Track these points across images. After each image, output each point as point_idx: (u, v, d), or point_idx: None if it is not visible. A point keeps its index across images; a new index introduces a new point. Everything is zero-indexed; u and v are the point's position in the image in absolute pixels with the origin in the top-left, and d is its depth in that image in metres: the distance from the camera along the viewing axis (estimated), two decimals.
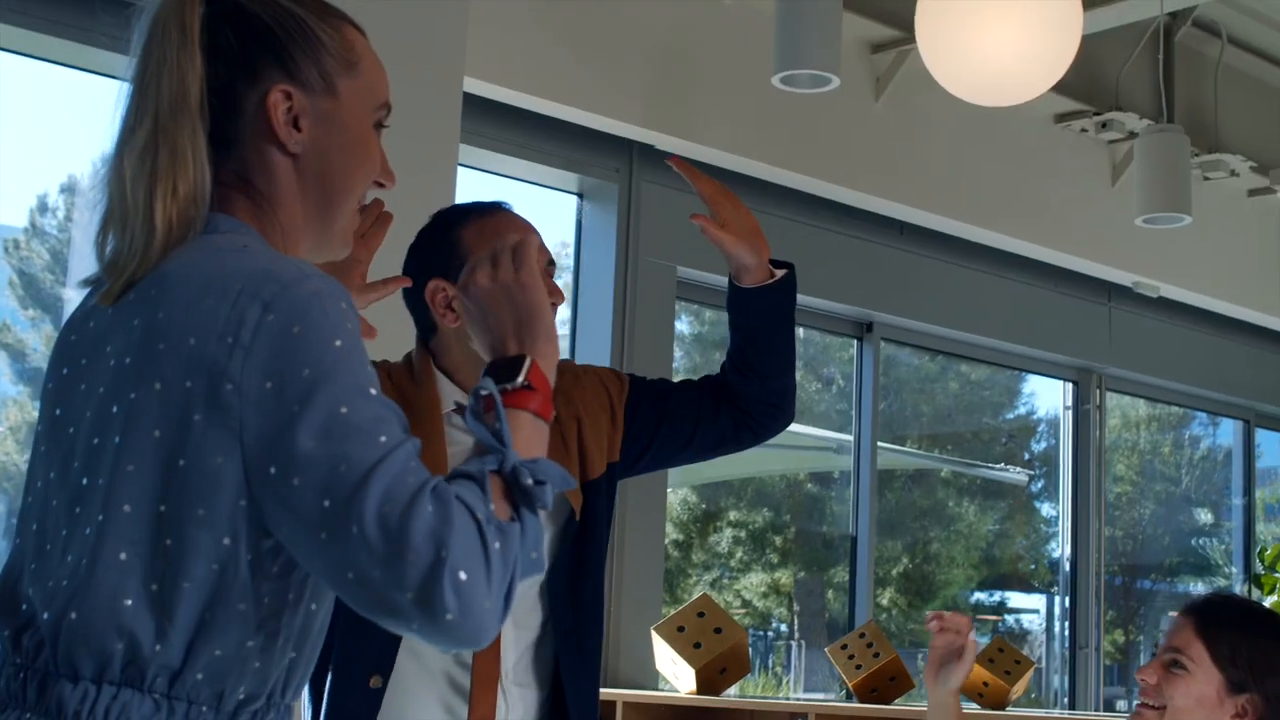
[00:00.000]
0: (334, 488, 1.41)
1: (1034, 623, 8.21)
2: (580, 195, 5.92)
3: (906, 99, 6.24)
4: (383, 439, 1.43)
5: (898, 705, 4.70)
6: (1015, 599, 8.25)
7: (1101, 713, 6.43)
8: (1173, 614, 2.74)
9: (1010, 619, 8.18)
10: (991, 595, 8.15)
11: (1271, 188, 7.06)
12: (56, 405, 1.60)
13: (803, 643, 7.34)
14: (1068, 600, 7.53)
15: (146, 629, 1.48)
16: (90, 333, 1.59)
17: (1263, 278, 7.74)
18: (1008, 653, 4.61)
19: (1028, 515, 8.23)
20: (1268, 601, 6.50)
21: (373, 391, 1.47)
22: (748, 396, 2.73)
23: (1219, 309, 7.74)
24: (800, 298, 6.70)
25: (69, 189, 4.98)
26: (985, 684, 4.52)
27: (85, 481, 1.52)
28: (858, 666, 4.67)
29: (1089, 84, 6.70)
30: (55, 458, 1.58)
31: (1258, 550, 7.10)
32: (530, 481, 1.48)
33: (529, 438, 1.55)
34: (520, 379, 1.58)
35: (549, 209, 5.93)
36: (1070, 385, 7.60)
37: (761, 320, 2.73)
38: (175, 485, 1.48)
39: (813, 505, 7.43)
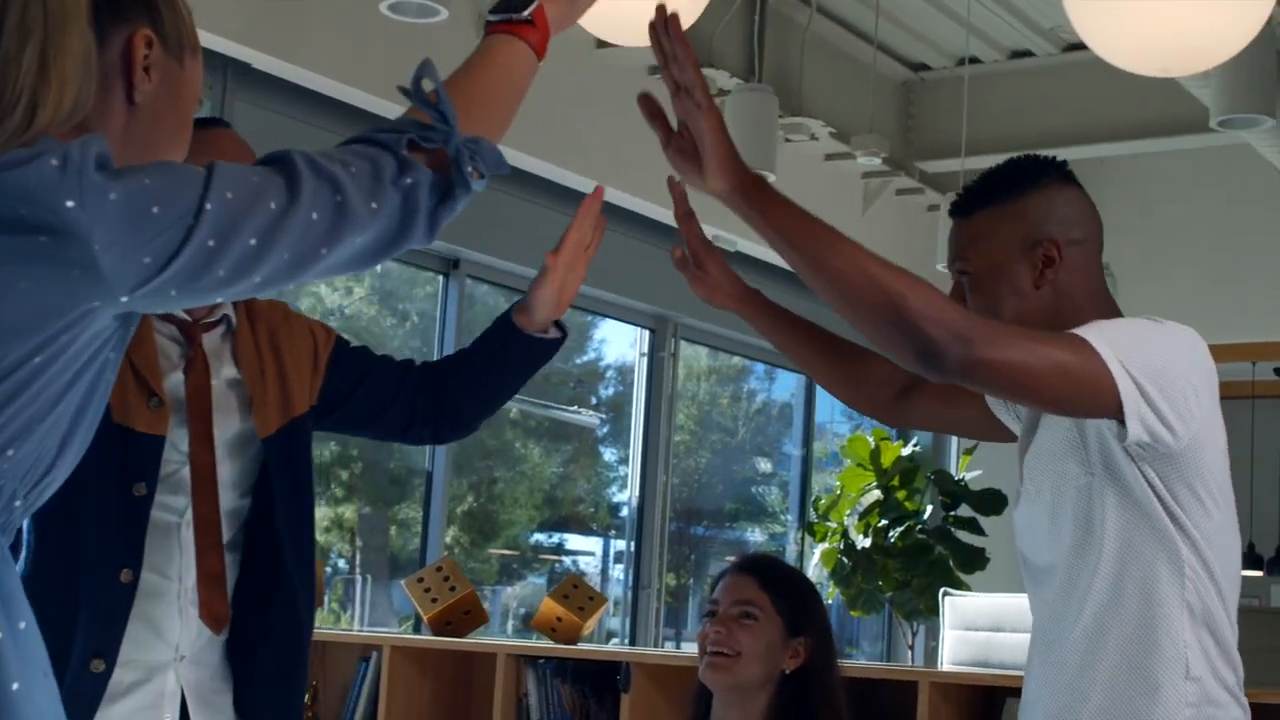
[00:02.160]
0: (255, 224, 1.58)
1: (590, 564, 8.39)
2: None
3: None
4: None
5: (471, 639, 4.75)
6: (574, 541, 8.40)
7: (667, 648, 6.63)
8: (727, 566, 3.01)
9: (569, 560, 8.33)
10: (551, 536, 8.29)
11: (851, 153, 7.35)
12: None
13: (368, 577, 7.32)
14: (632, 544, 7.72)
15: None
16: None
17: None
18: (581, 589, 4.70)
19: (592, 459, 8.39)
20: (819, 548, 6.79)
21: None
22: (454, 405, 2.81)
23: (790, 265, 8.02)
24: None
25: None
26: (559, 619, 4.60)
27: None
28: (434, 600, 4.69)
29: None
30: None
31: (812, 500, 7.42)
32: (469, 169, 1.70)
33: (519, 65, 1.82)
34: (526, 12, 1.81)
35: None
36: (647, 332, 7.77)
37: (516, 361, 2.82)
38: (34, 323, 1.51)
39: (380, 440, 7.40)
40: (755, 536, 9.20)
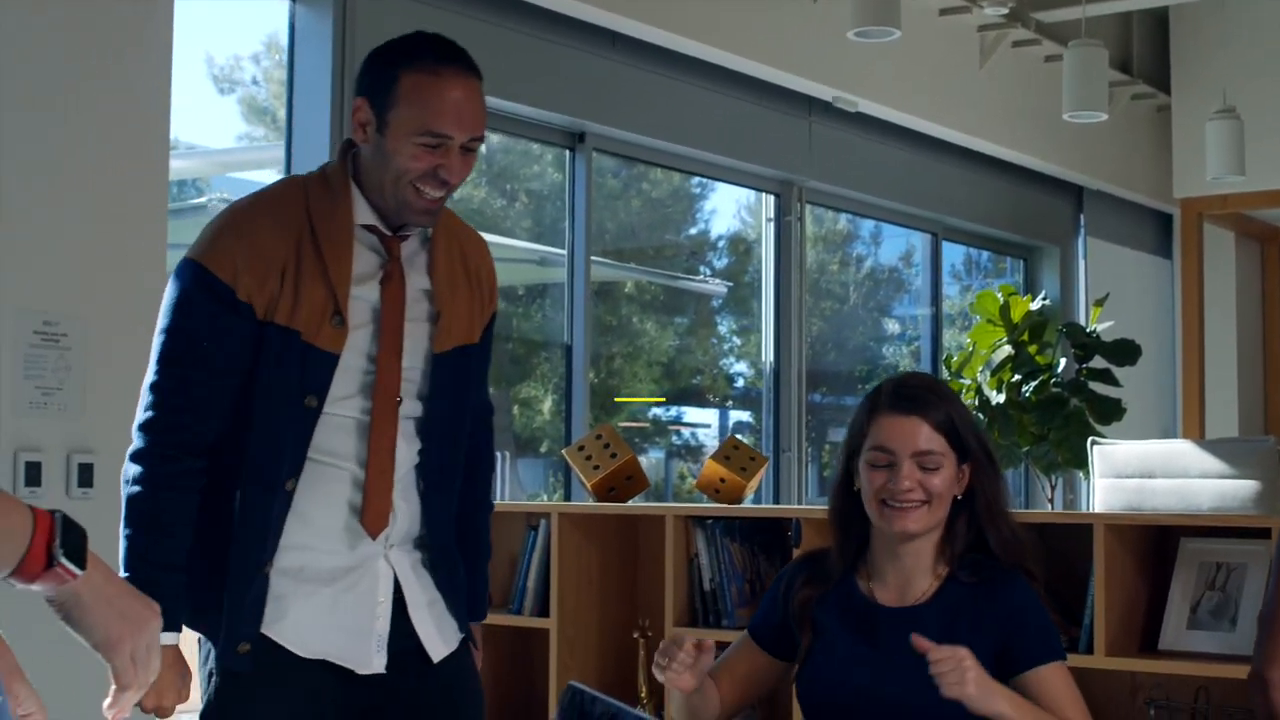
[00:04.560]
0: None
1: (708, 436, 8.42)
2: None
3: None
4: None
5: (634, 503, 4.81)
6: (691, 413, 8.43)
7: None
8: (878, 400, 2.90)
9: (687, 433, 8.36)
10: (669, 410, 8.32)
11: (966, 6, 7.26)
12: None
13: (506, 454, 7.41)
14: (756, 412, 7.74)
15: None
16: None
17: (952, 95, 8.00)
18: (742, 450, 4.74)
19: (709, 330, 8.40)
20: None
21: None
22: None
23: (911, 124, 7.98)
24: (511, 106, 6.65)
25: None
26: (722, 480, 4.64)
27: None
28: (595, 467, 4.74)
29: None
30: None
31: (944, 358, 7.41)
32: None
33: None
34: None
35: (259, 12, 5.75)
36: (772, 198, 7.76)
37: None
38: None
39: (499, 321, 7.43)
40: None
